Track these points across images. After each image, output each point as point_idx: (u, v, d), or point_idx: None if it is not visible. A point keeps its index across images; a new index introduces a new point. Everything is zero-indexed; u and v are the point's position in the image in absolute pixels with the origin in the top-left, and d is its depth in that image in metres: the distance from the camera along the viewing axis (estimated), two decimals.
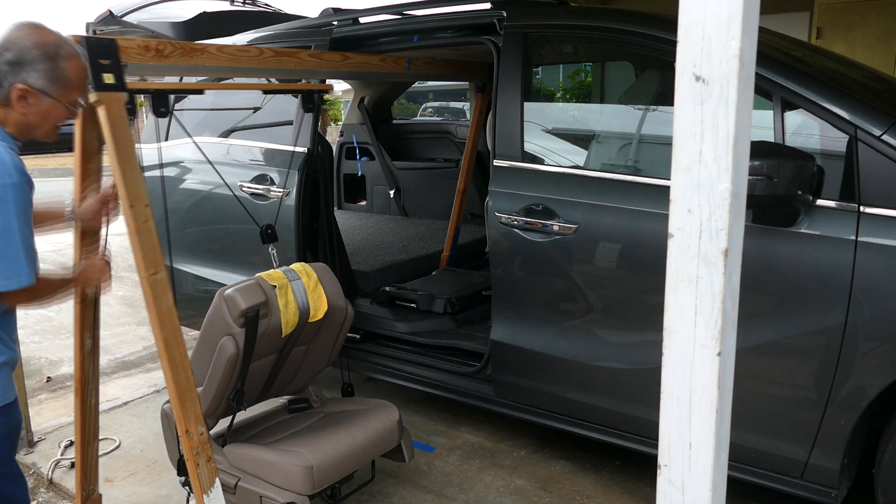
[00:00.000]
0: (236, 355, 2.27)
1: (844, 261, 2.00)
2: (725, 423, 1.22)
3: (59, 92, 1.76)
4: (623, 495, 2.76)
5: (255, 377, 2.46)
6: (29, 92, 1.71)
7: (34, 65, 1.70)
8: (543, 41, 2.89)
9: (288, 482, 2.25)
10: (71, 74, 1.77)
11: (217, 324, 2.26)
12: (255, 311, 2.27)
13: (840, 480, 2.14)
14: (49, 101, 1.75)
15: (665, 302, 1.20)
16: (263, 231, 2.61)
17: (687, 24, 1.11)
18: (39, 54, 1.70)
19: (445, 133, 5.35)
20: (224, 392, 2.33)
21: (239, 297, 2.26)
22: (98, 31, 4.52)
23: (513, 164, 2.69)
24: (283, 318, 2.37)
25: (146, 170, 2.32)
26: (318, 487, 2.28)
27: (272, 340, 2.40)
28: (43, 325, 4.95)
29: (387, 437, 2.54)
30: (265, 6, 5.01)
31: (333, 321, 2.58)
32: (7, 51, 1.68)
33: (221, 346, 2.26)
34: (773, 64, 2.23)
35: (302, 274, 2.49)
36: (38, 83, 1.71)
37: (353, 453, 2.40)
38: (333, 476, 2.34)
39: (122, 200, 2.02)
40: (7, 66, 1.68)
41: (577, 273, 2.52)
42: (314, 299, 2.47)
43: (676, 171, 1.16)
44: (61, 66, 1.73)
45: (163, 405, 2.51)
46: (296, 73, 2.83)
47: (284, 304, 2.38)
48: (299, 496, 2.24)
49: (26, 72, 1.69)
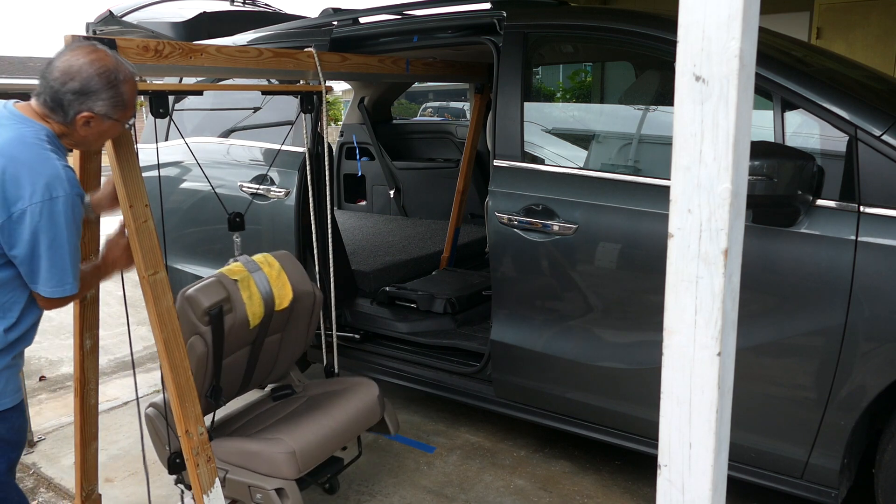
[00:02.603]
0: (206, 353, 2.30)
1: (844, 261, 2.00)
2: (725, 423, 1.22)
3: (119, 115, 1.81)
4: (623, 495, 2.76)
5: (231, 371, 2.48)
6: (93, 118, 1.76)
7: (99, 94, 1.73)
8: (543, 41, 2.89)
9: (274, 469, 2.29)
10: (129, 97, 1.82)
11: (183, 324, 2.27)
12: (218, 308, 2.29)
13: (840, 480, 2.14)
14: (109, 122, 1.80)
15: (665, 302, 1.20)
16: (232, 219, 2.61)
17: (687, 24, 1.11)
18: (103, 83, 1.73)
19: (445, 133, 5.35)
20: (200, 390, 2.34)
21: (200, 296, 2.28)
22: (98, 31, 4.53)
23: (513, 164, 2.69)
24: (248, 311, 2.39)
25: (145, 170, 2.32)
26: (303, 470, 2.33)
27: (242, 333, 2.41)
28: (43, 325, 4.92)
29: (368, 413, 2.61)
30: (265, 6, 5.01)
31: (303, 306, 2.60)
32: (71, 80, 1.71)
33: (190, 346, 2.28)
34: (773, 64, 2.23)
35: (263, 264, 2.51)
36: (101, 110, 1.76)
37: (334, 433, 2.46)
38: (318, 457, 2.39)
39: (121, 201, 2.02)
40: (72, 95, 1.72)
41: (578, 273, 2.52)
42: (278, 287, 2.49)
43: (676, 171, 1.16)
44: (122, 90, 1.78)
45: (145, 409, 2.51)
46: (295, 73, 2.83)
47: (248, 296, 2.40)
48: (286, 481, 2.28)
49: (91, 101, 1.73)
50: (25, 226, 1.64)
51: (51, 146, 1.72)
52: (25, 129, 1.70)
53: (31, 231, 1.65)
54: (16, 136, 1.67)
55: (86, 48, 1.75)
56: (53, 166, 1.68)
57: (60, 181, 1.67)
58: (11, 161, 1.63)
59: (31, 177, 1.64)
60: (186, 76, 3.14)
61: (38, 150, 1.68)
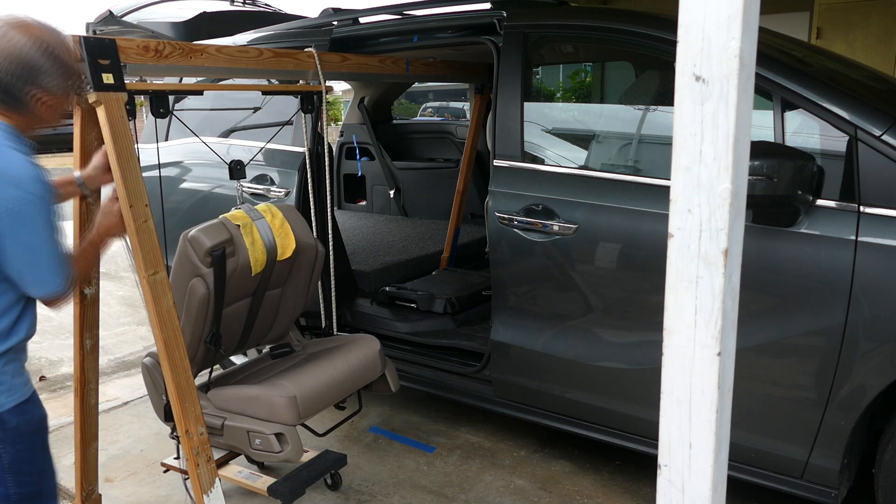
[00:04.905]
0: (207, 295, 2.26)
1: (844, 261, 2.00)
2: (725, 423, 1.22)
3: (68, 81, 1.75)
4: (623, 495, 2.76)
5: (231, 324, 2.46)
6: (45, 94, 1.71)
7: (41, 68, 1.68)
8: (543, 41, 2.89)
9: (273, 414, 2.25)
10: (71, 60, 1.75)
11: (185, 266, 2.23)
12: (221, 249, 2.26)
13: (840, 480, 2.14)
14: (62, 92, 1.75)
15: (665, 302, 1.20)
16: (233, 167, 2.58)
17: (687, 24, 1.11)
18: (40, 55, 1.68)
19: (445, 133, 5.35)
20: (199, 336, 2.31)
21: (203, 236, 2.25)
22: (98, 31, 4.52)
23: (513, 164, 2.69)
24: (251, 256, 2.36)
25: (145, 170, 2.32)
26: (303, 417, 2.30)
27: (244, 281, 2.39)
28: (43, 325, 4.95)
29: (369, 366, 2.58)
30: (265, 6, 5.01)
31: (304, 260, 2.59)
32: (9, 65, 1.66)
33: (191, 288, 2.24)
34: (773, 64, 2.23)
35: (266, 213, 2.49)
36: (50, 83, 1.71)
37: (335, 382, 2.43)
38: (318, 405, 2.36)
39: (121, 201, 2.02)
40: (13, 78, 1.67)
41: (577, 273, 2.52)
42: (281, 237, 2.47)
43: (676, 171, 1.16)
44: (61, 56, 1.72)
45: (143, 359, 2.51)
46: (295, 73, 2.84)
47: (251, 241, 2.37)
48: (286, 426, 2.25)
49: (38, 78, 1.68)
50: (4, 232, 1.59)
51: (12, 143, 1.66)
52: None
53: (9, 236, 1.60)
54: None
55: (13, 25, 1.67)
56: (17, 166, 1.62)
57: (25, 181, 1.61)
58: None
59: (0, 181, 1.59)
60: (186, 76, 3.14)
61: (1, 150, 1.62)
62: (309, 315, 3.17)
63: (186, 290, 2.26)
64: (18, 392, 1.75)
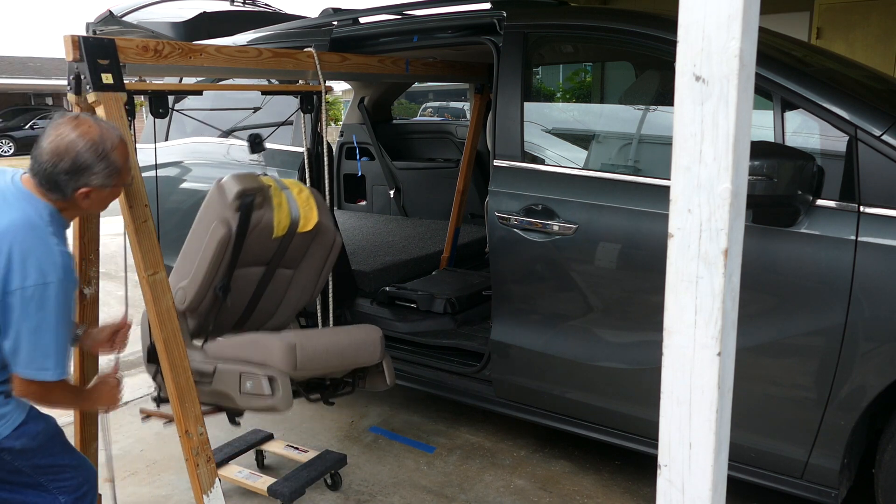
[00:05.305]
0: (228, 238, 2.24)
1: (844, 261, 2.00)
2: (725, 423, 1.22)
3: (115, 181, 1.81)
4: (623, 495, 2.76)
5: (238, 292, 2.42)
6: (92, 191, 1.77)
7: (91, 168, 1.73)
8: (543, 41, 2.89)
9: (269, 357, 2.20)
10: (122, 162, 1.81)
11: (212, 209, 2.22)
12: (251, 197, 2.26)
13: (840, 480, 2.14)
14: (108, 190, 1.81)
15: (665, 302, 1.20)
16: (252, 140, 2.57)
17: (687, 24, 1.11)
18: (93, 157, 1.73)
19: (445, 133, 5.35)
20: (211, 280, 2.29)
21: (236, 181, 2.26)
22: (98, 31, 4.52)
23: (513, 164, 2.69)
24: (276, 217, 2.37)
25: (144, 170, 2.32)
26: (299, 369, 2.23)
27: (263, 241, 2.38)
28: None
29: (369, 347, 2.52)
30: (265, 6, 5.01)
31: (322, 242, 2.59)
32: (61, 161, 1.70)
33: (214, 230, 2.23)
34: (773, 64, 2.23)
35: (293, 186, 2.51)
36: (97, 182, 1.76)
37: (335, 349, 2.38)
38: (315, 364, 2.30)
39: (120, 201, 2.03)
40: (66, 175, 1.71)
41: (578, 273, 2.52)
42: (305, 210, 2.48)
43: (676, 171, 1.16)
44: (113, 159, 1.77)
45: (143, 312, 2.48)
46: (294, 73, 2.84)
47: (278, 203, 2.38)
48: (280, 372, 2.18)
49: (86, 176, 1.73)
50: (15, 307, 1.64)
51: (53, 227, 1.73)
52: (31, 209, 1.71)
53: (19, 312, 1.65)
54: (22, 219, 1.68)
55: (69, 122, 1.74)
56: (52, 252, 1.69)
57: (56, 267, 1.68)
58: (18, 244, 1.65)
59: (30, 260, 1.65)
60: (186, 76, 3.14)
61: (42, 234, 1.69)
62: (308, 315, 3.17)
63: (208, 233, 2.23)
64: (11, 418, 1.78)
